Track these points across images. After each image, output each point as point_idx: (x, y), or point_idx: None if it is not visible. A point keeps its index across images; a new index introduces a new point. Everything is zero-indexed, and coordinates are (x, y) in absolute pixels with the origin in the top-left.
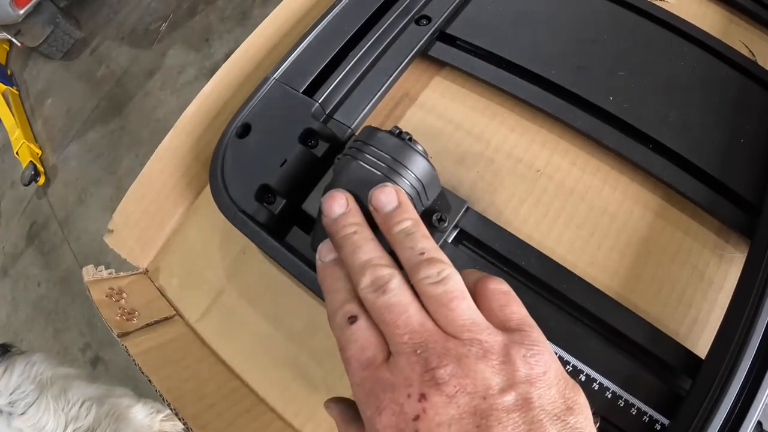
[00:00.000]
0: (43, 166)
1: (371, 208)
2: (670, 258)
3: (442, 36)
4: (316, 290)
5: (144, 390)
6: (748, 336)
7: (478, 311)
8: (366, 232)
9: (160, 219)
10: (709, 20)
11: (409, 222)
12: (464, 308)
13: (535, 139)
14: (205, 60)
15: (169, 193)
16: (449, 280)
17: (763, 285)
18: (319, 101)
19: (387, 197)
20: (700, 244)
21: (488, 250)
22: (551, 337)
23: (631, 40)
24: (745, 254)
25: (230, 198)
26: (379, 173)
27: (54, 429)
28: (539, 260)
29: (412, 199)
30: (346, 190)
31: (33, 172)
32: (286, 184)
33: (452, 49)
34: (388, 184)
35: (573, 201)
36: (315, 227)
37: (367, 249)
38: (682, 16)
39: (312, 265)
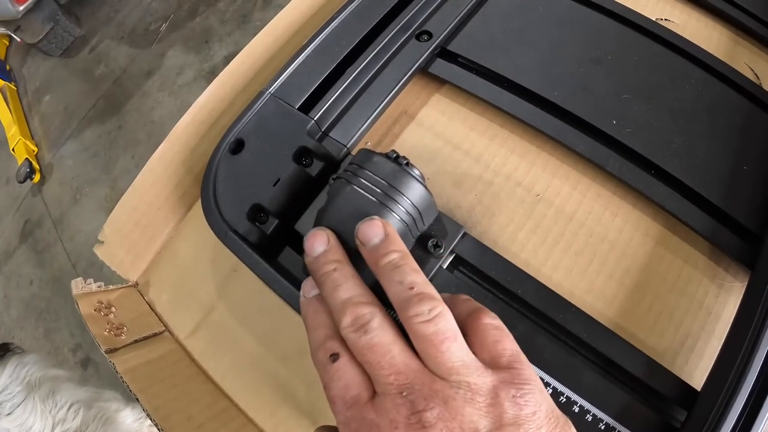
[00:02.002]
0: (38, 163)
1: (358, 242)
2: (669, 286)
3: (443, 53)
4: None
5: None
6: (746, 368)
7: (468, 351)
8: (347, 269)
9: (151, 232)
10: (715, 41)
11: (396, 255)
12: (455, 350)
13: (535, 162)
14: (204, 62)
15: (162, 205)
16: (440, 320)
17: (763, 316)
18: (315, 118)
19: (373, 230)
20: (699, 273)
21: (484, 276)
22: (545, 368)
23: (636, 62)
24: (745, 284)
25: (222, 217)
26: (374, 199)
27: (41, 430)
28: (536, 289)
29: (407, 225)
30: (339, 217)
31: (28, 170)
32: (279, 204)
33: (453, 67)
34: (375, 217)
35: (572, 227)
36: None
37: (347, 287)
38: (687, 37)
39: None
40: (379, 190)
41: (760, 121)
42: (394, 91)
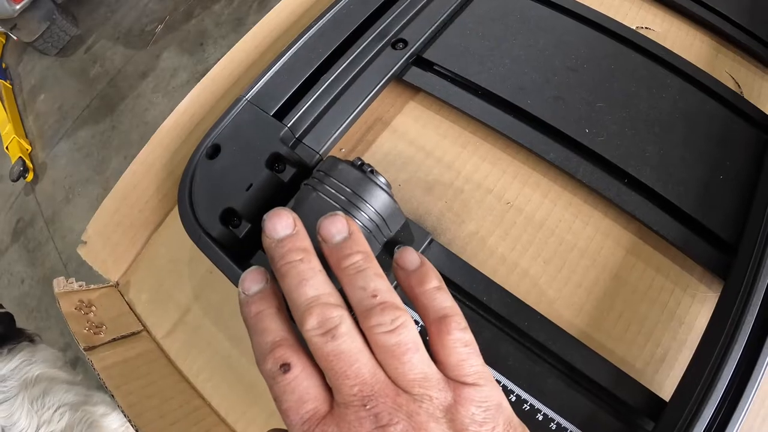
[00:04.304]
0: (32, 162)
1: (319, 239)
2: (639, 296)
3: (419, 60)
4: None
5: None
6: (715, 380)
7: (431, 363)
8: (314, 262)
9: (132, 233)
10: (696, 50)
11: (359, 256)
12: (416, 361)
13: (506, 170)
14: (198, 64)
15: (143, 207)
16: (403, 330)
17: (734, 327)
18: (288, 125)
19: (336, 226)
20: (671, 283)
21: (450, 283)
22: (509, 375)
23: (613, 70)
24: (718, 294)
25: (196, 220)
26: (337, 206)
27: (25, 428)
28: (501, 296)
29: (371, 232)
30: (303, 223)
31: (22, 168)
32: (251, 209)
33: (427, 74)
34: (339, 212)
35: (542, 235)
36: None
37: (315, 283)
38: (668, 46)
39: None
40: (342, 197)
41: (738, 130)
42: (368, 99)
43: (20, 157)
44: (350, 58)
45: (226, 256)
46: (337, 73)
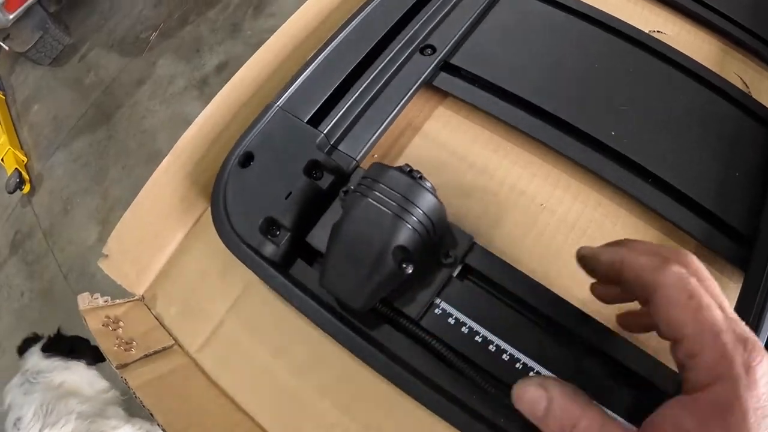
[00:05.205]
0: (28, 173)
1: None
2: None
3: (446, 66)
4: (322, 324)
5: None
6: None
7: None
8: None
9: (157, 244)
10: (705, 52)
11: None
12: None
13: (537, 173)
14: (195, 71)
15: (167, 217)
16: None
17: (757, 315)
18: (324, 132)
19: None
20: None
21: (494, 285)
22: (558, 372)
23: (631, 73)
24: (740, 285)
25: (234, 230)
26: (389, 211)
27: (32, 426)
28: (547, 298)
29: (421, 236)
30: (354, 229)
31: (18, 180)
32: (291, 217)
33: (456, 80)
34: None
35: (575, 235)
36: (324, 264)
37: None
38: (680, 49)
39: (317, 299)
40: (394, 203)
41: (750, 129)
42: (401, 104)
43: (16, 168)
44: (381, 65)
45: (270, 267)
46: (369, 79)
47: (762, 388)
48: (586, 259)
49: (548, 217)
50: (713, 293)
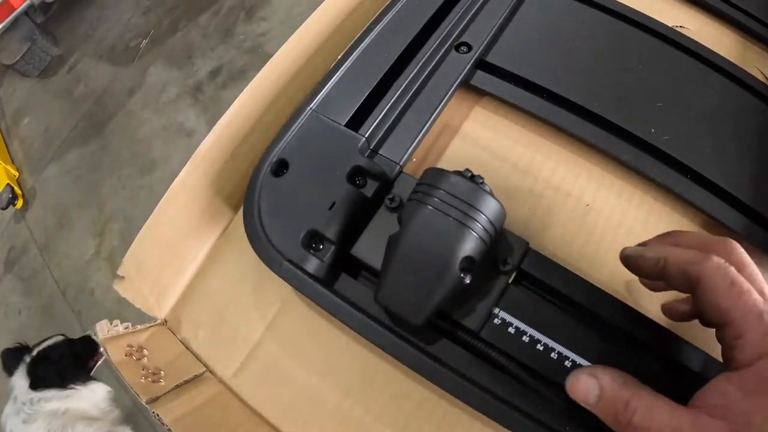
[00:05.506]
0: (20, 188)
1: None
2: None
3: (483, 64)
4: (380, 343)
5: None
6: None
7: None
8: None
9: (177, 263)
10: (726, 46)
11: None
12: None
13: (580, 173)
14: (188, 78)
15: (188, 234)
16: None
17: None
18: (366, 135)
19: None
20: None
21: (550, 289)
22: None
23: (663, 70)
24: None
25: (273, 246)
26: (453, 219)
27: None
28: (605, 301)
29: (486, 243)
30: (417, 240)
31: (10, 195)
32: (335, 229)
33: (494, 79)
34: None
35: (621, 235)
36: (381, 279)
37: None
38: (703, 43)
39: (371, 316)
40: (459, 210)
41: None
42: (441, 105)
43: (8, 183)
44: (419, 64)
45: (318, 284)
46: (407, 80)
47: None
48: (630, 259)
49: (595, 217)
50: (754, 279)
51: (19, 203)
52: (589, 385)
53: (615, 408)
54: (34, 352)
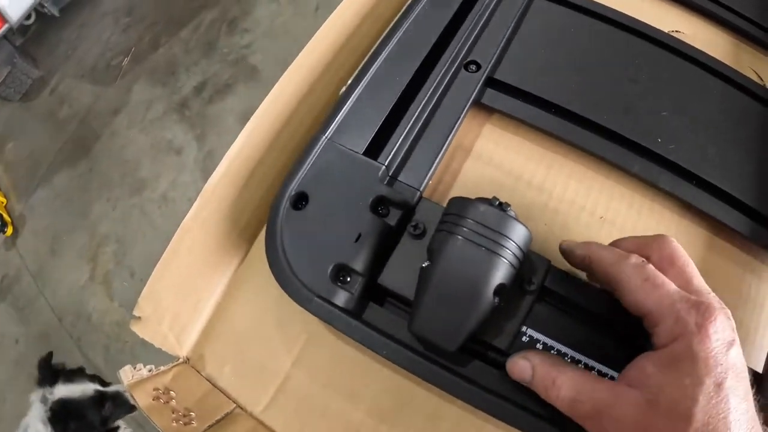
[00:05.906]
0: (9, 215)
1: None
2: (721, 285)
3: (492, 82)
4: (414, 369)
5: None
6: None
7: None
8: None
9: (195, 299)
10: (721, 48)
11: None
12: None
13: (592, 186)
14: (173, 94)
15: (204, 269)
16: None
17: None
18: (386, 163)
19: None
20: (745, 271)
21: (572, 304)
22: None
23: (666, 78)
24: None
25: (301, 282)
26: (486, 249)
27: None
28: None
29: (515, 269)
30: (450, 271)
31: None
32: (363, 261)
33: (503, 96)
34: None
35: None
36: (414, 309)
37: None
38: (698, 46)
39: (402, 343)
40: (490, 239)
41: None
42: (456, 127)
43: None
44: (432, 86)
45: (349, 317)
46: (422, 103)
47: (713, 342)
48: (564, 253)
49: (609, 229)
50: (683, 271)
51: (9, 230)
52: (524, 365)
53: (545, 384)
54: (56, 396)
